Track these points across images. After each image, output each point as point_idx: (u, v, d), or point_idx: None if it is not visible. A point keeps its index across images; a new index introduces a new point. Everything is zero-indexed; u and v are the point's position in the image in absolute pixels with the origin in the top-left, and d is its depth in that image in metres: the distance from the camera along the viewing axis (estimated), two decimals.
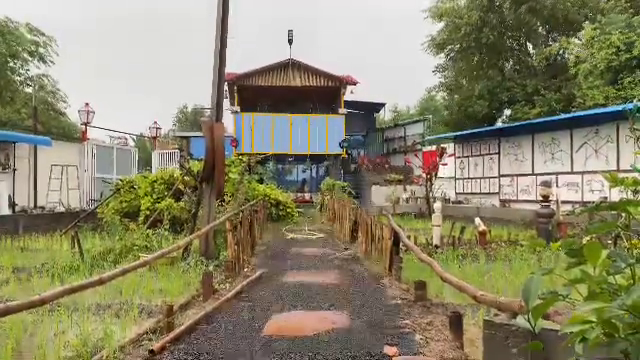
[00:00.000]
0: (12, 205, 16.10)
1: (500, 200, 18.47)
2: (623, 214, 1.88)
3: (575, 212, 7.92)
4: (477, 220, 11.45)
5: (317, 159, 26.53)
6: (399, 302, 5.82)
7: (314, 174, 28.24)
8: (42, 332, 4.80)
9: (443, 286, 5.77)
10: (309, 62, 25.14)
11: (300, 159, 26.46)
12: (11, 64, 28.85)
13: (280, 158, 25.60)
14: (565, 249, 2.04)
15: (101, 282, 4.37)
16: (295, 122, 24.52)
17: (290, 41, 24.69)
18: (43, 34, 29.82)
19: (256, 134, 24.13)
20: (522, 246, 10.42)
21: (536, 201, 14.36)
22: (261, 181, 19.88)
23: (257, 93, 25.96)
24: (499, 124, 27.01)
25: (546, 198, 11.57)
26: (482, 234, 11.02)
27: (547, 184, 12.13)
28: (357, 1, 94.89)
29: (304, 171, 28.46)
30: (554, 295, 1.93)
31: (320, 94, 26.13)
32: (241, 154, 21.84)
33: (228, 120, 23.78)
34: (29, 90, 30.27)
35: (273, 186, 19.46)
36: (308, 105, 26.59)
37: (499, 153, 18.91)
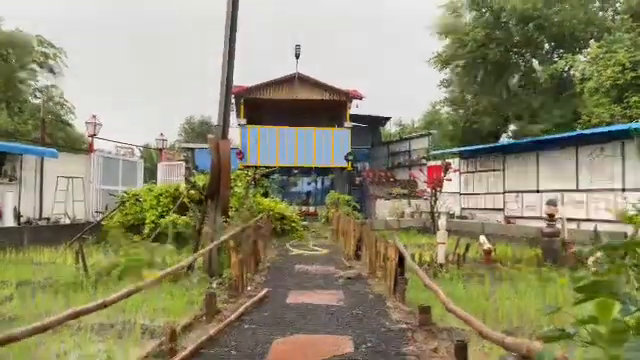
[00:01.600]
0: (17, 216, 16.16)
1: (505, 216, 18.38)
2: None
3: (582, 252, 7.88)
4: (482, 238, 11.39)
5: (322, 172, 26.57)
6: (403, 326, 5.78)
7: (319, 187, 28.24)
8: (45, 354, 4.79)
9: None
10: (315, 76, 25.28)
11: (305, 172, 26.50)
12: (20, 75, 29.19)
13: (285, 171, 25.64)
14: (573, 284, 2.02)
15: (105, 305, 4.35)
16: (301, 135, 24.59)
17: (297, 55, 24.83)
18: (53, 46, 30.22)
19: (262, 147, 24.22)
20: (528, 266, 10.36)
21: (541, 218, 14.29)
22: (266, 194, 19.89)
23: (263, 106, 26.08)
24: (504, 140, 26.99)
25: (552, 217, 11.51)
26: (487, 253, 10.96)
27: (553, 203, 12.07)
28: (362, 15, 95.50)
29: (309, 184, 28.47)
30: (563, 333, 1.91)
31: (326, 108, 26.23)
32: (247, 166, 21.91)
33: (234, 133, 23.89)
34: (37, 101, 30.55)
35: (278, 200, 19.46)
36: (314, 118, 26.67)
37: (504, 169, 18.86)
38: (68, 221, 17.39)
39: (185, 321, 5.72)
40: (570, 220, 13.48)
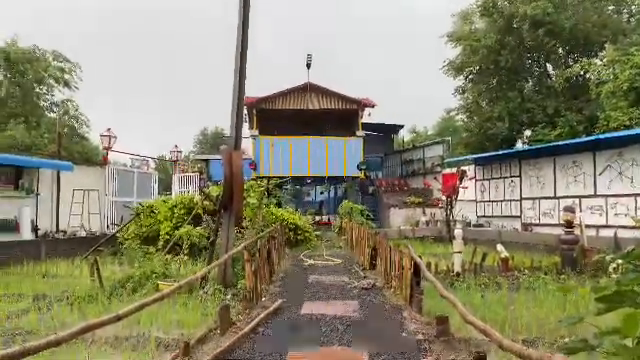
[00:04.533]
0: (35, 230, 16.33)
1: (522, 223, 18.12)
2: None
3: (606, 259, 7.71)
4: (499, 247, 11.22)
5: (335, 181, 26.52)
6: (420, 337, 5.67)
7: (332, 196, 28.18)
8: None
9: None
10: (327, 85, 25.32)
11: (318, 181, 26.47)
12: (37, 90, 29.71)
13: (298, 180, 25.63)
14: (595, 294, 1.94)
15: (119, 319, 4.33)
16: (313, 144, 24.59)
17: (308, 65, 24.90)
18: (68, 60, 30.74)
19: (274, 157, 24.26)
20: (546, 274, 10.17)
21: (559, 225, 14.05)
22: (279, 204, 19.88)
23: (275, 116, 26.16)
24: (519, 146, 26.70)
25: (570, 224, 11.31)
26: (504, 261, 10.79)
27: (571, 209, 11.86)
28: (374, 23, 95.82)
29: (322, 193, 28.42)
30: (585, 345, 1.82)
31: (338, 117, 26.24)
32: (260, 177, 21.94)
33: (247, 143, 23.98)
34: (53, 115, 31.04)
35: (291, 210, 19.43)
36: (326, 128, 26.69)
37: (520, 176, 18.63)
38: (84, 234, 17.54)
39: (199, 334, 5.68)
40: (589, 227, 13.23)
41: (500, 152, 20.58)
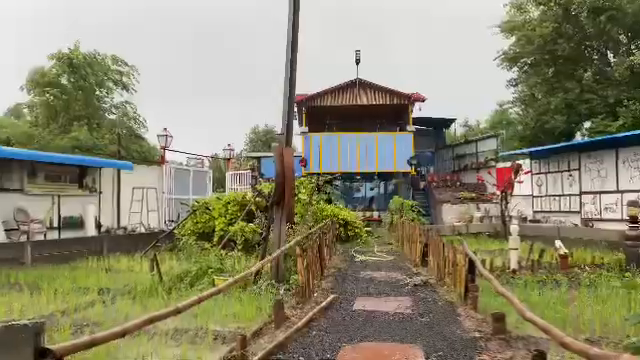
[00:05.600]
0: (98, 226, 17.17)
1: (582, 219, 17.40)
2: None
3: None
4: (558, 243, 10.82)
5: (385, 177, 26.33)
6: (476, 335, 5.57)
7: (382, 192, 27.99)
8: (124, 357, 5.01)
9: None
10: (376, 80, 25.17)
11: (368, 177, 26.37)
12: (98, 93, 31.13)
13: (348, 177, 25.64)
14: None
15: (178, 311, 4.49)
16: (362, 140, 24.53)
17: (357, 61, 24.84)
18: (126, 64, 32.01)
19: (324, 153, 24.37)
20: (609, 271, 9.74)
21: (623, 220, 13.39)
22: (329, 201, 19.96)
23: (325, 113, 26.27)
24: (578, 138, 25.63)
25: (635, 219, 10.75)
26: (563, 257, 10.40)
27: (636, 204, 11.26)
28: (424, 15, 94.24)
29: (372, 189, 28.29)
30: None
31: (387, 112, 26.04)
32: (310, 174, 22.11)
33: (296, 140, 24.23)
34: (113, 117, 32.44)
35: (341, 205, 19.48)
36: (376, 123, 26.54)
37: (579, 169, 17.87)
38: (143, 230, 18.27)
39: (254, 327, 5.82)
40: None
41: (558, 145, 19.82)
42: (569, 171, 18.45)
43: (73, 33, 61.24)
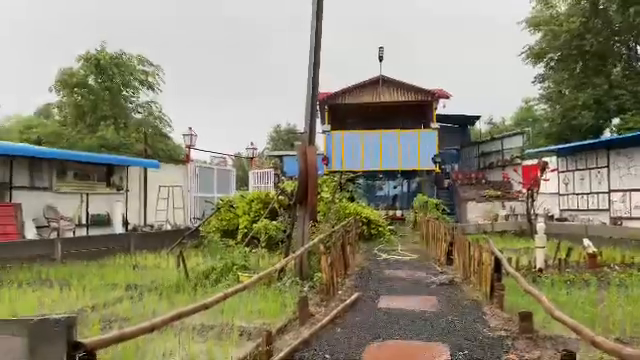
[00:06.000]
0: (125, 224, 17.49)
1: (610, 217, 17.01)
2: None
3: None
4: (586, 241, 10.60)
5: (409, 175, 26.16)
6: (502, 334, 5.51)
7: (405, 190, 27.83)
8: (152, 352, 5.10)
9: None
10: (399, 77, 25.01)
11: (391, 175, 26.24)
12: (124, 93, 31.67)
13: (370, 175, 25.55)
14: None
15: (205, 307, 4.56)
16: (385, 138, 24.40)
17: (380, 58, 24.73)
18: (152, 64, 32.47)
19: (346, 151, 24.33)
20: None
21: None
22: (352, 199, 19.93)
23: (347, 111, 26.21)
24: (607, 135, 25.03)
25: None
26: (592, 256, 10.18)
27: None
28: (447, 13, 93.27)
29: (395, 187, 28.15)
30: None
31: (411, 109, 25.85)
32: (332, 172, 22.11)
33: (319, 139, 24.26)
34: (139, 116, 32.95)
35: (364, 204, 19.43)
36: (399, 121, 26.39)
37: (608, 166, 17.47)
38: (169, 227, 18.54)
39: (279, 324, 5.86)
40: None
41: (586, 142, 19.41)
42: (597, 169, 18.06)
43: (100, 33, 62.40)
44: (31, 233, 13.97)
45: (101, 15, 71.87)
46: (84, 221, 16.38)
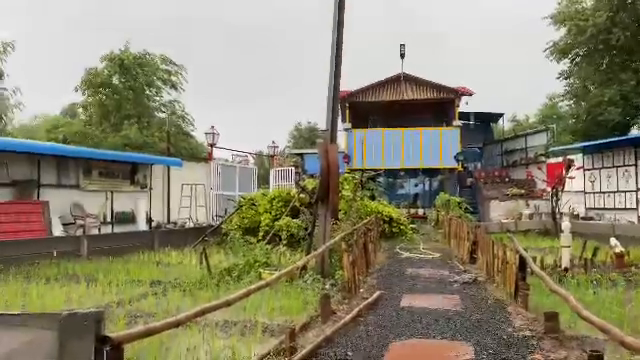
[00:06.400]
0: (149, 221, 17.75)
1: (638, 216, 16.62)
2: None
3: None
4: (613, 240, 10.39)
5: (430, 173, 25.95)
6: (527, 334, 5.44)
7: (427, 188, 27.61)
8: (176, 347, 5.17)
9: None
10: (421, 75, 24.81)
11: (412, 173, 26.06)
12: (147, 92, 32.08)
13: (392, 173, 25.42)
14: None
15: (228, 304, 4.60)
16: (407, 136, 24.23)
17: (402, 55, 24.57)
18: (174, 64, 32.80)
19: (367, 149, 24.25)
20: None
21: None
22: (373, 197, 19.87)
23: (368, 108, 26.11)
24: (634, 132, 24.46)
25: None
26: (619, 256, 9.97)
27: None
28: (470, 9, 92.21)
29: (416, 185, 27.95)
30: None
31: (433, 107, 25.62)
32: (353, 170, 22.06)
33: (339, 137, 24.22)
34: (162, 115, 33.35)
35: (385, 202, 19.34)
36: (420, 118, 26.18)
37: (636, 165, 17.07)
38: (192, 225, 18.75)
39: (302, 321, 5.88)
40: None
41: (613, 139, 18.97)
42: (624, 166, 17.66)
43: (124, 31, 63.23)
44: (58, 230, 14.27)
45: (125, 14, 72.93)
46: (109, 218, 16.67)
